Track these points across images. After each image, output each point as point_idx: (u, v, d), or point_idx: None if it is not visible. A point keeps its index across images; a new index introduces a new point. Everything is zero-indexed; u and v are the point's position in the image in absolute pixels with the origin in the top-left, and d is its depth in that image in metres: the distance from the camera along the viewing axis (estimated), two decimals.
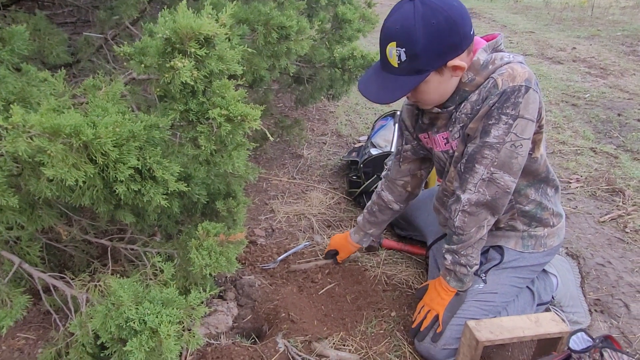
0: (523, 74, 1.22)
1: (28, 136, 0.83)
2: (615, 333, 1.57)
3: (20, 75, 1.16)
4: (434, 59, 1.20)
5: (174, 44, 1.00)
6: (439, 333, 1.41)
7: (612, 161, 2.69)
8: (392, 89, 1.25)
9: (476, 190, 1.31)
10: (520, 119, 1.22)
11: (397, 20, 1.18)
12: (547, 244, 1.51)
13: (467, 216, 1.35)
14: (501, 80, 1.23)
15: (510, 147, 1.25)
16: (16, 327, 1.50)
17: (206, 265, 1.22)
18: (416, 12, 1.15)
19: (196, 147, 1.11)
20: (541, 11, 7.43)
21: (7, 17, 1.74)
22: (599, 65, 4.50)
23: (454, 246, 1.41)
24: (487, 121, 1.25)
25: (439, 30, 1.16)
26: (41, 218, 1.25)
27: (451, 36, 1.18)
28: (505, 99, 1.21)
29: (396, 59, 1.21)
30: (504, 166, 1.27)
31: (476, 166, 1.30)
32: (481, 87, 1.28)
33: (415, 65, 1.20)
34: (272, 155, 2.84)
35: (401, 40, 1.18)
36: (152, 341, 1.02)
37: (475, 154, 1.30)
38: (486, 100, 1.25)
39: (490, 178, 1.29)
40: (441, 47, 1.19)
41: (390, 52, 1.21)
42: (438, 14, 1.15)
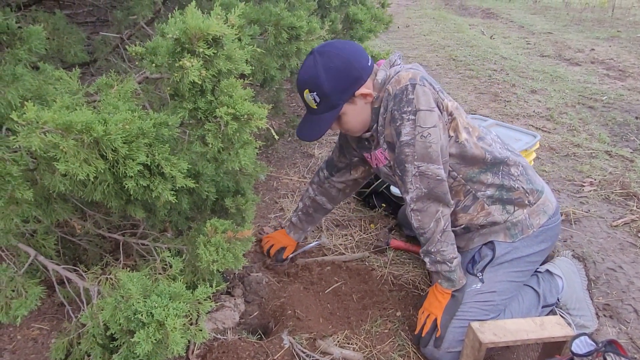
0: (406, 76, 1.38)
1: (41, 132, 0.87)
2: (623, 339, 1.55)
3: (38, 73, 1.20)
4: (342, 93, 1.41)
5: (183, 44, 1.02)
6: (439, 337, 1.41)
7: (627, 165, 2.65)
8: (317, 125, 1.47)
9: (413, 186, 1.42)
10: (419, 112, 1.35)
11: (304, 72, 1.42)
12: (534, 224, 1.52)
13: (419, 214, 1.44)
14: (391, 87, 1.39)
15: (420, 138, 1.36)
16: (31, 317, 1.55)
17: (213, 261, 1.24)
18: (316, 62, 1.38)
19: (204, 144, 1.14)
20: (560, 12, 7.33)
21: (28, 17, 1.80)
22: (618, 67, 4.43)
23: (425, 247, 1.48)
24: (394, 124, 1.39)
25: (338, 71, 1.38)
26: (56, 212, 1.29)
27: (350, 71, 1.39)
28: (398, 100, 1.37)
29: (313, 102, 1.43)
30: (424, 157, 1.38)
31: (406, 165, 1.41)
32: (382, 100, 1.44)
33: (328, 103, 1.42)
34: (284, 154, 2.86)
35: (311, 86, 1.41)
36: (159, 333, 1.04)
37: (399, 155, 1.41)
38: (387, 108, 1.41)
39: (419, 172, 1.39)
40: (344, 83, 1.40)
41: (307, 97, 1.43)
42: (333, 58, 1.38)
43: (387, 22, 2.39)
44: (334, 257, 1.93)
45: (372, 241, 2.06)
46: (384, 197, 2.26)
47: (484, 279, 1.48)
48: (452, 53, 5.16)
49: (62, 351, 1.34)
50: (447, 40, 5.80)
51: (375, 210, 2.28)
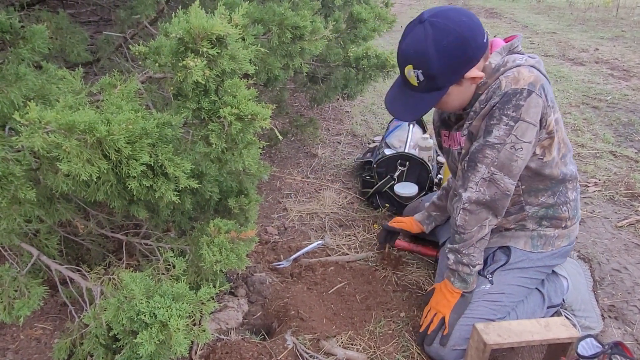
0: (528, 78, 1.25)
1: (44, 132, 0.86)
2: (629, 340, 1.54)
3: (41, 73, 1.20)
4: (451, 75, 1.26)
5: (186, 43, 1.02)
6: (446, 335, 1.40)
7: (632, 165, 2.63)
8: (415, 106, 1.31)
9: (477, 189, 1.34)
10: (521, 122, 1.25)
11: (410, 44, 1.24)
12: (556, 244, 1.50)
13: (468, 214, 1.38)
14: (505, 81, 1.26)
15: (510, 148, 1.28)
16: (34, 317, 1.55)
17: (217, 261, 1.24)
18: (427, 36, 1.20)
19: (208, 144, 1.13)
20: (564, 11, 7.30)
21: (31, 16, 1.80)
22: (622, 67, 4.41)
23: (456, 245, 1.43)
24: (489, 121, 1.29)
25: (451, 50, 1.21)
26: (59, 212, 1.29)
27: (463, 52, 1.23)
28: (507, 100, 1.25)
29: (415, 79, 1.27)
30: (503, 167, 1.30)
31: (478, 165, 1.33)
32: (488, 88, 1.31)
33: (433, 84, 1.26)
34: (287, 154, 2.86)
35: (416, 62, 1.24)
36: (162, 334, 1.04)
37: (477, 152, 1.33)
38: (490, 100, 1.29)
39: (491, 178, 1.32)
40: (455, 64, 1.24)
41: (408, 73, 1.27)
42: (448, 34, 1.20)
43: (390, 21, 2.38)
44: (338, 258, 1.92)
45: (376, 242, 2.05)
46: (387, 197, 2.25)
47: (494, 280, 1.47)
48: None
49: (64, 351, 1.34)
50: None
51: (379, 211, 2.27)
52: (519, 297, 1.47)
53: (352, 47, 2.35)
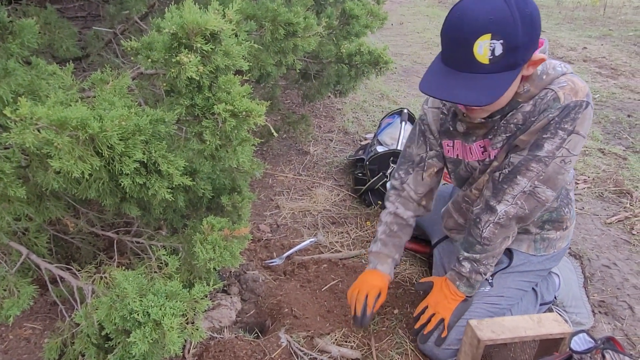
0: (584, 89, 1.18)
1: (35, 128, 0.85)
2: (619, 335, 1.56)
3: (30, 68, 1.17)
4: (528, 51, 1.11)
5: (180, 39, 1.00)
6: (443, 337, 1.39)
7: (620, 162, 2.67)
8: (488, 87, 1.10)
9: (514, 202, 1.27)
10: (574, 135, 1.18)
11: (488, 10, 1.04)
12: (557, 246, 1.50)
13: (499, 228, 1.31)
14: (563, 93, 1.18)
15: (560, 162, 1.21)
16: (23, 317, 1.53)
17: (210, 259, 1.23)
18: (508, 2, 1.04)
19: (201, 141, 1.12)
20: (552, 10, 7.36)
21: (18, 11, 1.76)
22: (610, 65, 4.46)
23: (477, 255, 1.36)
24: (542, 134, 1.20)
25: (532, 21, 1.07)
26: (49, 210, 1.27)
27: (539, 26, 1.10)
28: (566, 113, 1.17)
29: (488, 54, 1.07)
30: (549, 181, 1.23)
31: (518, 177, 1.25)
32: (536, 99, 1.21)
33: (511, 59, 1.08)
34: (279, 151, 2.85)
35: (499, 31, 1.04)
36: (155, 333, 1.03)
37: (521, 166, 1.24)
38: (544, 112, 1.19)
39: (532, 192, 1.25)
40: (534, 37, 1.10)
41: (480, 47, 1.07)
42: (529, 3, 1.07)
43: (383, 18, 2.38)
44: (330, 255, 1.92)
45: (369, 239, 2.05)
46: (380, 194, 2.26)
47: (494, 283, 1.45)
48: None
49: (55, 351, 1.32)
50: None
51: (372, 208, 2.27)
52: (516, 299, 1.47)
53: (345, 43, 2.34)
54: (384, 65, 2.37)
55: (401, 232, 1.55)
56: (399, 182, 1.57)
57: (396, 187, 1.58)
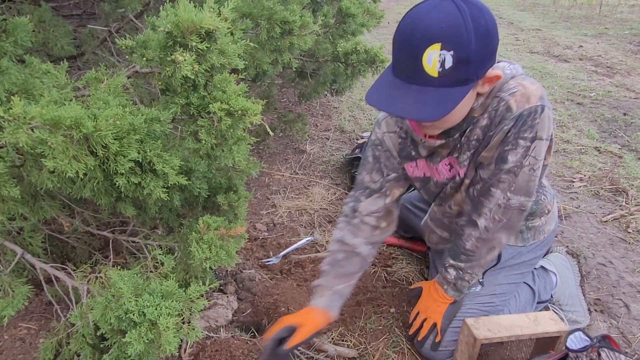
0: (536, 92, 1.12)
1: (29, 127, 0.84)
2: (614, 333, 1.57)
3: (24, 66, 1.17)
4: (481, 65, 1.03)
5: (175, 37, 1.00)
6: (438, 342, 1.39)
7: (616, 161, 2.67)
8: (436, 102, 1.02)
9: (492, 215, 1.25)
10: (537, 141, 1.14)
11: (440, 19, 0.97)
12: (546, 230, 1.49)
13: (481, 242, 1.30)
14: (515, 102, 1.12)
15: (528, 170, 1.18)
16: (18, 317, 1.52)
17: (206, 258, 1.22)
18: (462, 11, 0.97)
19: (197, 140, 1.12)
20: (549, 8, 7.38)
21: (12, 9, 1.75)
22: (606, 64, 4.47)
23: (462, 264, 1.35)
24: (503, 147, 1.16)
25: (487, 33, 1.00)
26: (43, 209, 1.26)
27: (494, 40, 1.03)
28: (522, 122, 1.12)
29: (437, 66, 0.99)
30: (520, 190, 1.21)
31: (492, 190, 1.23)
32: (490, 110, 1.16)
33: (462, 73, 1.00)
34: (275, 150, 2.84)
35: (450, 41, 0.97)
36: (151, 333, 1.03)
37: (491, 179, 1.22)
38: (499, 125, 1.15)
39: (507, 204, 1.23)
40: (488, 52, 1.02)
41: (429, 57, 0.99)
42: (485, 13, 1.00)
43: (379, 16, 2.38)
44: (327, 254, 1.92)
45: None
46: None
47: (484, 281, 1.45)
48: None
49: (50, 351, 1.31)
50: None
51: None
52: (509, 294, 1.47)
53: (341, 42, 2.34)
54: (380, 64, 2.36)
55: (346, 262, 1.39)
56: (350, 209, 1.43)
57: (347, 214, 1.44)
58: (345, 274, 1.39)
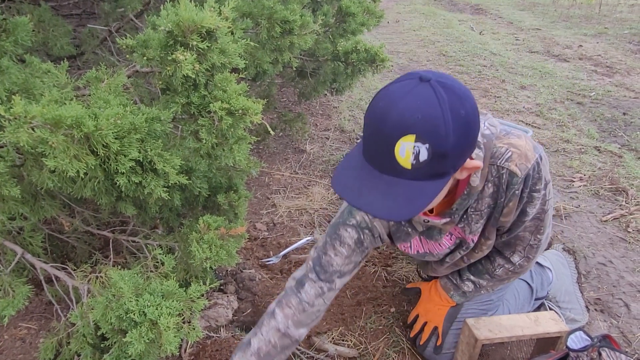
0: (527, 146, 1.10)
1: (30, 127, 0.84)
2: (615, 333, 1.57)
3: (24, 66, 1.16)
4: (460, 158, 0.93)
5: (176, 36, 1.00)
6: (440, 346, 1.38)
7: (616, 160, 2.68)
8: (408, 199, 0.91)
9: (525, 254, 1.29)
10: (548, 185, 1.16)
11: (416, 107, 0.86)
12: None
13: (512, 274, 1.33)
14: (515, 165, 1.10)
15: (550, 212, 1.22)
16: (18, 317, 1.52)
17: (207, 258, 1.22)
18: (440, 99, 0.86)
19: (197, 140, 1.12)
20: (548, 8, 7.38)
21: (12, 8, 1.75)
22: (606, 63, 4.47)
23: (483, 282, 1.36)
24: (520, 204, 1.16)
25: (468, 124, 0.89)
26: (43, 209, 1.26)
27: (475, 130, 0.93)
28: (531, 180, 1.12)
29: (411, 158, 0.87)
30: (547, 228, 1.25)
31: (521, 234, 1.25)
32: (490, 178, 1.13)
33: (438, 166, 0.89)
34: (275, 149, 2.84)
35: (426, 133, 0.85)
36: (151, 333, 1.03)
37: (514, 227, 1.23)
38: (508, 190, 1.13)
39: (537, 244, 1.27)
40: (468, 143, 0.92)
41: (402, 148, 0.87)
42: (466, 102, 0.89)
43: (379, 15, 2.37)
44: None
45: None
46: None
47: None
48: (442, 49, 5.16)
49: (51, 351, 1.31)
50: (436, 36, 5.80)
51: None
52: (505, 289, 1.47)
53: (341, 41, 2.34)
54: (380, 63, 2.36)
55: (282, 355, 1.24)
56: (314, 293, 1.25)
57: (306, 297, 1.24)
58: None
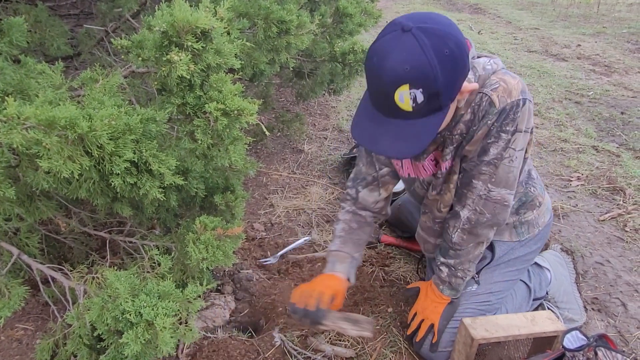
0: (517, 86, 1.15)
1: (23, 128, 0.84)
2: (612, 332, 1.57)
3: (19, 67, 1.16)
4: (453, 90, 1.06)
5: (170, 37, 0.99)
6: (435, 343, 1.38)
7: (613, 159, 2.68)
8: (414, 135, 1.06)
9: (473, 207, 1.28)
10: (517, 133, 1.18)
11: (403, 59, 0.98)
12: (540, 223, 1.49)
13: (467, 234, 1.32)
14: (497, 96, 1.15)
15: (508, 162, 1.21)
16: (15, 318, 1.52)
17: (203, 258, 1.22)
18: (423, 45, 0.97)
19: (193, 140, 1.12)
20: (547, 7, 7.38)
21: (9, 9, 1.75)
22: (604, 62, 4.47)
23: (451, 261, 1.37)
24: (486, 140, 1.20)
25: (454, 59, 1.01)
26: (40, 210, 1.26)
27: (463, 59, 1.03)
28: (505, 116, 1.15)
29: (410, 103, 1.02)
30: (501, 182, 1.24)
31: (473, 182, 1.26)
32: (473, 105, 1.18)
33: (435, 103, 1.04)
34: (273, 149, 2.84)
35: (416, 80, 0.99)
36: (147, 333, 1.03)
37: (473, 170, 1.25)
38: (483, 119, 1.18)
39: (487, 196, 1.26)
40: (458, 74, 1.04)
41: (400, 96, 1.02)
42: (447, 40, 0.99)
43: (377, 16, 2.37)
44: (325, 254, 1.92)
45: None
46: None
47: (480, 280, 1.45)
48: None
49: (47, 352, 1.31)
50: None
51: None
52: (506, 292, 1.47)
53: (339, 41, 2.34)
54: None
55: (361, 231, 1.48)
56: (354, 192, 1.50)
57: (352, 196, 1.51)
58: (360, 242, 1.47)
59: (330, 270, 1.41)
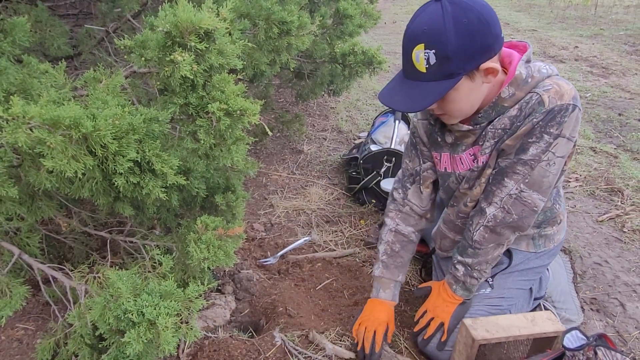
0: (570, 92, 1.17)
1: (28, 127, 0.84)
2: (610, 332, 1.58)
3: (22, 66, 1.16)
4: (466, 60, 1.11)
5: (174, 37, 1.00)
6: (444, 342, 1.38)
7: (611, 161, 2.69)
8: (422, 95, 1.15)
9: (501, 205, 1.27)
10: (561, 138, 1.17)
11: (424, 21, 1.10)
12: (556, 239, 1.50)
13: (489, 233, 1.31)
14: (548, 97, 1.16)
15: (545, 165, 1.20)
16: (15, 317, 1.52)
17: (204, 258, 1.22)
18: (445, 12, 1.07)
19: (195, 140, 1.12)
20: (544, 9, 7.41)
21: (9, 9, 1.74)
22: (601, 64, 4.49)
23: (468, 259, 1.36)
24: (527, 139, 1.20)
25: (471, 30, 1.08)
26: (41, 209, 1.26)
27: (484, 36, 1.10)
28: (552, 117, 1.16)
29: (424, 63, 1.12)
30: (534, 185, 1.23)
31: (505, 180, 1.25)
32: (521, 102, 1.20)
33: (446, 68, 1.11)
34: (272, 150, 2.84)
35: (430, 41, 1.09)
36: (149, 333, 1.03)
37: (507, 168, 1.25)
38: (529, 117, 1.18)
39: (518, 196, 1.25)
40: (474, 47, 1.10)
41: (417, 55, 1.12)
42: (469, 12, 1.07)
43: (376, 17, 2.39)
44: (325, 254, 1.92)
45: (363, 237, 2.05)
46: (374, 193, 2.26)
47: (494, 284, 1.44)
48: None
49: (48, 352, 1.31)
50: None
51: (365, 206, 2.27)
52: (516, 299, 1.47)
53: (339, 43, 2.35)
54: (377, 65, 2.37)
55: (403, 251, 1.52)
56: (400, 197, 1.55)
57: (397, 200, 1.55)
58: (404, 263, 1.53)
59: (375, 295, 1.51)
